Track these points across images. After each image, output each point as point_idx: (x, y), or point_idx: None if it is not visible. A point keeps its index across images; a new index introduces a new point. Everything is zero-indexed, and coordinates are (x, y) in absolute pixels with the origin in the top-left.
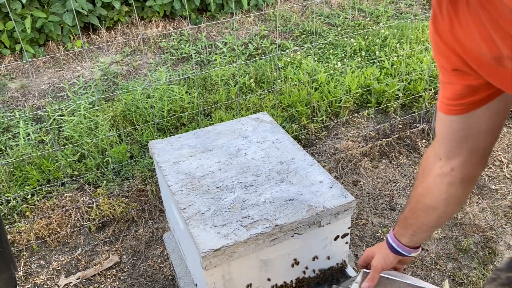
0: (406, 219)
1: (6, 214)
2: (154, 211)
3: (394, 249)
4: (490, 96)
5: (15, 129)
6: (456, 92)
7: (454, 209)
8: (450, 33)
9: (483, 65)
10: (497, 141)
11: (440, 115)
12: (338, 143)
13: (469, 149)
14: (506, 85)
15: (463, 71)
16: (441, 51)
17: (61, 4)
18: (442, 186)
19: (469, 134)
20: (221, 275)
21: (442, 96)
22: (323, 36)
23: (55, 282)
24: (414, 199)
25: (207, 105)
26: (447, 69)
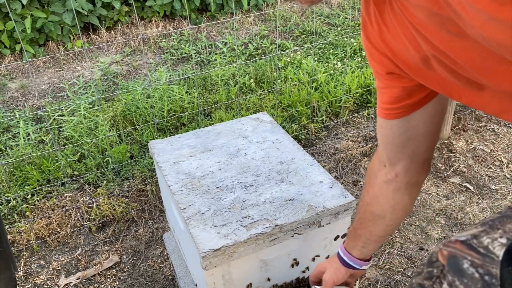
0: (356, 230)
1: (6, 214)
2: (154, 211)
3: (345, 262)
4: (426, 98)
5: (15, 129)
6: (393, 95)
7: (401, 217)
8: (380, 38)
9: (412, 68)
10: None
11: (380, 121)
12: (338, 143)
13: (411, 153)
14: (435, 86)
15: (397, 74)
16: (374, 56)
17: (61, 4)
18: (388, 193)
19: (409, 138)
20: (221, 275)
21: (380, 102)
22: (323, 36)
23: (55, 282)
24: (362, 209)
25: (207, 105)
26: (382, 73)
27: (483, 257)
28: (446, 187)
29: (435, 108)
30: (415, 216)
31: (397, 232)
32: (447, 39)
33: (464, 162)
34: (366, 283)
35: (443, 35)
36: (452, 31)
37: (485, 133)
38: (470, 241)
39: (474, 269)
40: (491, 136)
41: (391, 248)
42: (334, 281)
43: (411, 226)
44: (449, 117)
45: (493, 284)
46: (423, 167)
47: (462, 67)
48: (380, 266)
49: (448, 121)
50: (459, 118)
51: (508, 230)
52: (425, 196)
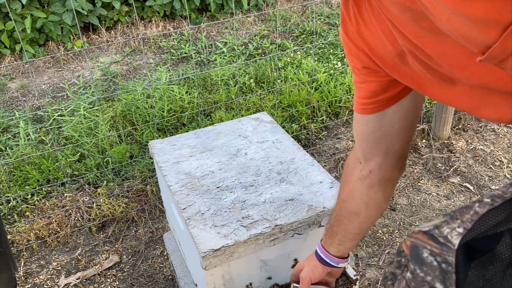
0: (332, 228)
1: (6, 214)
2: (154, 211)
3: (322, 259)
4: (401, 92)
5: (15, 129)
6: (369, 90)
7: (375, 214)
8: (357, 34)
9: (388, 63)
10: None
11: (356, 117)
12: (338, 143)
13: (385, 150)
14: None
15: (373, 69)
16: (352, 51)
17: (61, 4)
18: (362, 190)
19: (384, 134)
20: (221, 275)
21: (356, 97)
22: (323, 36)
23: (55, 282)
24: (338, 206)
25: (207, 105)
26: (359, 68)
27: (441, 246)
28: (446, 187)
29: (410, 105)
30: (415, 216)
31: (397, 232)
32: (421, 34)
33: (464, 162)
34: (366, 283)
35: (416, 30)
36: (425, 26)
37: (485, 133)
38: (432, 231)
39: (433, 257)
40: (491, 136)
41: (391, 248)
42: (311, 278)
43: (411, 226)
44: (449, 117)
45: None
46: (397, 164)
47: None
48: (380, 266)
49: (448, 121)
50: (459, 118)
51: (465, 220)
52: (425, 196)
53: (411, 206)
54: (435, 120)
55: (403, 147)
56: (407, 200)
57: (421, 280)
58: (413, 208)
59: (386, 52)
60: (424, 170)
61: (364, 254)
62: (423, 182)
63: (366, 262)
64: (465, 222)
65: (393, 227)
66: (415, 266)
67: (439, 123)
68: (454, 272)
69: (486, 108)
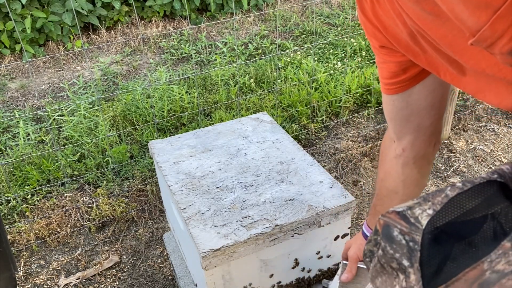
0: (375, 207)
1: (6, 214)
2: (154, 211)
3: (367, 237)
4: (422, 73)
5: (15, 129)
6: (390, 70)
7: (414, 191)
8: (372, 13)
9: (402, 43)
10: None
11: (384, 97)
12: (338, 143)
13: (415, 127)
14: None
15: (390, 48)
16: (369, 30)
17: (61, 4)
18: (398, 168)
19: (411, 112)
20: (221, 275)
21: (380, 77)
22: (323, 36)
23: (55, 282)
24: (378, 185)
25: (207, 105)
26: (377, 47)
27: (411, 226)
28: None
29: (435, 82)
30: None
31: None
32: (423, 17)
33: (464, 162)
34: None
35: (419, 13)
36: (426, 8)
37: (485, 133)
38: (405, 212)
39: (402, 236)
40: (491, 136)
41: None
42: (359, 256)
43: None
44: (449, 117)
45: (415, 249)
46: (430, 140)
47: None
48: None
49: (448, 121)
50: (459, 118)
51: (436, 202)
52: None
53: None
54: None
55: (434, 124)
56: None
57: (390, 257)
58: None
59: (399, 31)
60: None
61: None
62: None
63: None
64: (435, 204)
65: None
66: (386, 244)
67: None
68: (419, 250)
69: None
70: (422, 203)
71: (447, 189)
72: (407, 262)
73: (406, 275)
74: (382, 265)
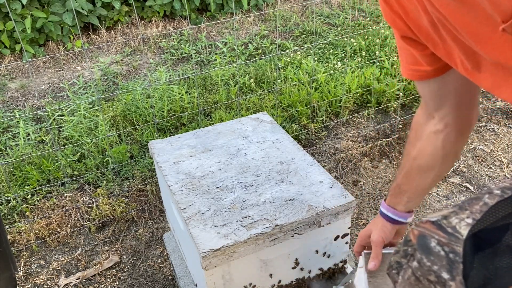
0: (400, 186)
1: (6, 214)
2: (154, 211)
3: (390, 218)
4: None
5: (15, 129)
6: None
7: (450, 165)
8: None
9: (423, 30)
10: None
11: (416, 83)
12: (338, 143)
13: (456, 103)
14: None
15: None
16: (388, 17)
17: (61, 4)
18: (438, 143)
19: (448, 91)
20: (221, 275)
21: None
22: (323, 36)
23: (55, 282)
24: (408, 164)
25: (207, 105)
26: (397, 36)
27: (449, 236)
28: (446, 187)
29: None
30: (415, 216)
31: None
32: (446, 3)
33: (464, 162)
34: None
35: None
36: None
37: (485, 133)
38: (440, 221)
39: (440, 247)
40: (491, 136)
41: None
42: (383, 238)
43: (411, 226)
44: None
45: (456, 261)
46: (471, 114)
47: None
48: None
49: None
50: None
51: (474, 211)
52: (425, 196)
53: None
54: None
55: (474, 96)
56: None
57: (427, 269)
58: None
59: (420, 17)
60: None
61: None
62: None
63: None
64: (474, 213)
65: None
66: (422, 255)
67: None
68: (461, 262)
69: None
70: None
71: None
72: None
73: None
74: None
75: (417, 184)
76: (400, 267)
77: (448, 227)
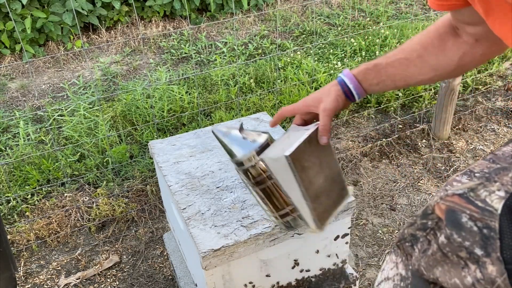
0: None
1: (6, 214)
2: (154, 211)
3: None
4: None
5: (15, 129)
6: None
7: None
8: None
9: None
10: None
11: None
12: (338, 143)
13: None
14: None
15: None
16: None
17: (61, 4)
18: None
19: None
20: (221, 275)
21: None
22: (323, 36)
23: (55, 282)
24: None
25: (207, 105)
26: None
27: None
28: None
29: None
30: None
31: (397, 232)
32: None
33: (464, 162)
34: (366, 283)
35: None
36: None
37: (485, 133)
38: (467, 194)
39: (473, 222)
40: (491, 136)
41: (391, 248)
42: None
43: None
44: (449, 117)
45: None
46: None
47: None
48: (380, 266)
49: (448, 121)
50: (459, 118)
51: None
52: (425, 196)
53: (411, 206)
54: (435, 120)
55: None
56: (407, 200)
57: (458, 245)
58: (413, 208)
59: None
60: (424, 170)
61: (364, 254)
62: (423, 182)
63: (366, 262)
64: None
65: (393, 227)
66: (452, 231)
67: (439, 123)
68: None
69: None
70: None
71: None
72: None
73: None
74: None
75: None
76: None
77: (477, 201)
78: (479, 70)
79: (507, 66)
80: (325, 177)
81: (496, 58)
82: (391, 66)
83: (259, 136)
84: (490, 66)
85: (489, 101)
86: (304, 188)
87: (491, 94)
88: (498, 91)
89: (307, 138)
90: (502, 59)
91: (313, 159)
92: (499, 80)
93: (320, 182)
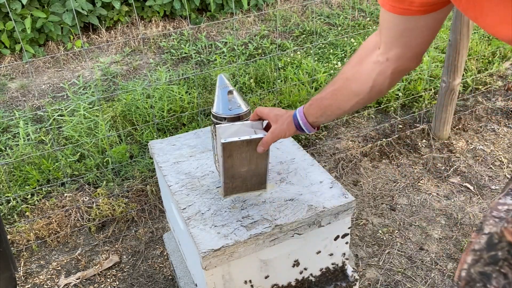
0: (322, 100)
1: (6, 214)
2: (154, 211)
3: (299, 125)
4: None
5: (15, 129)
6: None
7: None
8: None
9: None
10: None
11: (386, 13)
12: (338, 143)
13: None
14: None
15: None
16: None
17: (61, 4)
18: (373, 74)
19: (407, 29)
20: (221, 275)
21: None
22: (323, 36)
23: (55, 282)
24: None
25: (207, 105)
26: None
27: None
28: (446, 187)
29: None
30: (415, 216)
31: (397, 232)
32: None
33: (464, 162)
34: (366, 283)
35: None
36: None
37: (485, 133)
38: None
39: None
40: (491, 136)
41: (391, 248)
42: (282, 136)
43: (411, 226)
44: (449, 117)
45: None
46: (416, 58)
47: None
48: (380, 266)
49: (448, 121)
50: (459, 118)
51: None
52: (425, 196)
53: (411, 206)
54: (435, 120)
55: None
56: (407, 200)
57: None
58: (413, 208)
59: None
60: (424, 170)
61: (364, 254)
62: (423, 182)
63: (366, 262)
64: None
65: (393, 227)
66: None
67: (439, 123)
68: None
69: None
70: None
71: None
72: None
73: None
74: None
75: (339, 104)
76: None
77: None
78: (479, 70)
79: (507, 66)
80: (248, 169)
81: (496, 58)
82: (325, 98)
83: (238, 108)
84: (490, 66)
85: (489, 101)
86: (224, 166)
87: (491, 94)
88: (498, 91)
89: (248, 140)
90: (502, 59)
91: (244, 154)
92: (499, 80)
93: (241, 170)
